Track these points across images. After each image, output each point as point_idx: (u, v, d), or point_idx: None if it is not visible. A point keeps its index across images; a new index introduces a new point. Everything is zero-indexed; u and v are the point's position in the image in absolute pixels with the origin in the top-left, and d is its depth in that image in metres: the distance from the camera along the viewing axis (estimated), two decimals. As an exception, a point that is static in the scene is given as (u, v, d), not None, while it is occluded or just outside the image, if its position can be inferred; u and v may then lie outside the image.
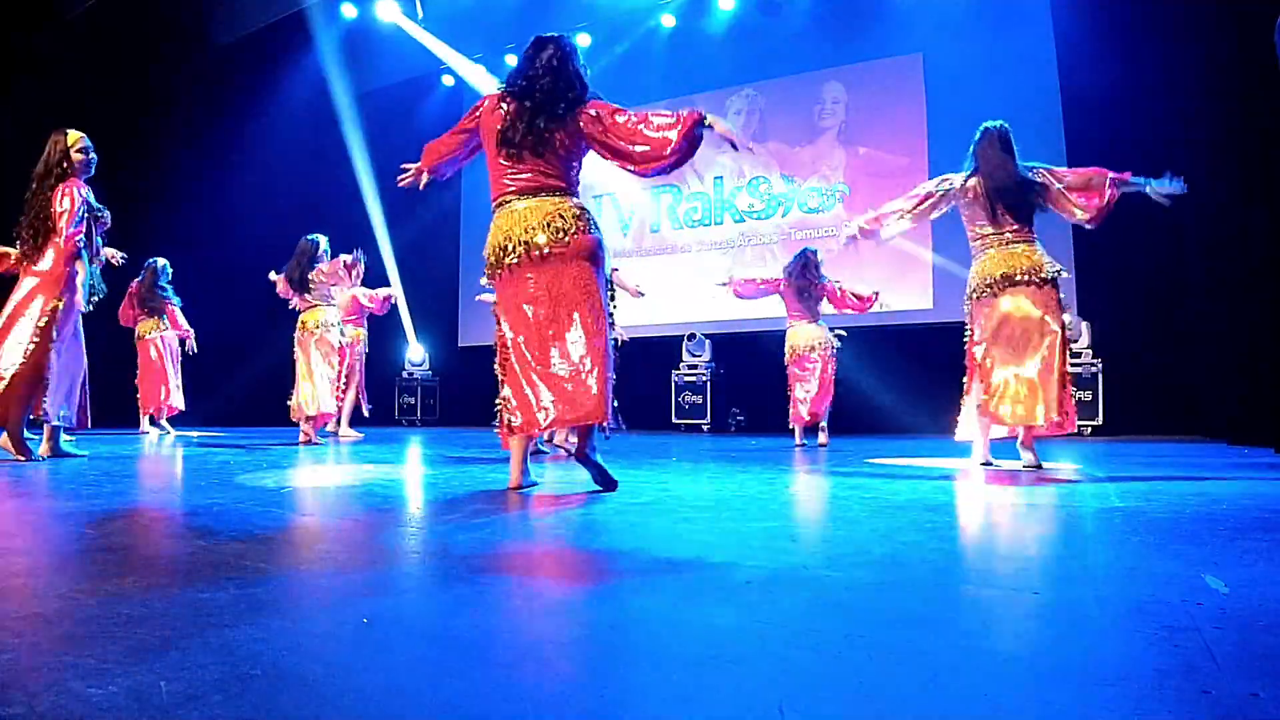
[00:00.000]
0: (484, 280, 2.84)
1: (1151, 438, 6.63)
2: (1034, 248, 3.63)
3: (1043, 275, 3.55)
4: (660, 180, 9.78)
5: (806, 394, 5.71)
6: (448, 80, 10.67)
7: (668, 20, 9.36)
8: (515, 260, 2.64)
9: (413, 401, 10.64)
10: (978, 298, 3.69)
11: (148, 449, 4.44)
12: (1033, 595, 1.27)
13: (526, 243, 2.61)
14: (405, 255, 10.55)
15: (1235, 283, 5.88)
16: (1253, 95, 5.07)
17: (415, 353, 10.82)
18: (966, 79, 8.07)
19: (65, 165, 3.90)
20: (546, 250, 2.61)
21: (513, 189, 2.69)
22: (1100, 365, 6.97)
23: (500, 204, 2.72)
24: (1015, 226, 3.64)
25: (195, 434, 7.36)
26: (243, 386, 8.90)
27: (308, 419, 5.75)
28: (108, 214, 4.09)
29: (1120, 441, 6.21)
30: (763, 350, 8.32)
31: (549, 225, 2.61)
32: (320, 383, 5.77)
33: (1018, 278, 3.55)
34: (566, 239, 2.61)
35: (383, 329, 8.83)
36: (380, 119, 10.30)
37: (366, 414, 7.08)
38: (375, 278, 7.63)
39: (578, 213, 2.66)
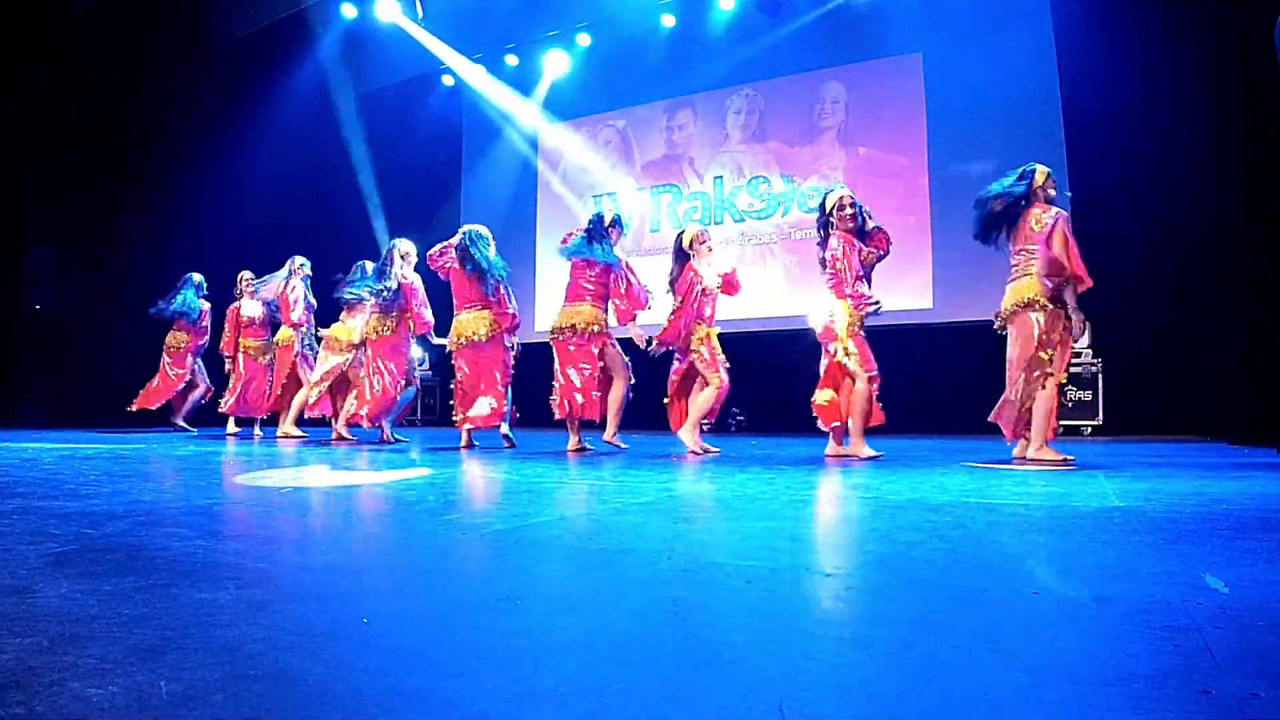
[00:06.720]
0: None
1: (1151, 438, 6.63)
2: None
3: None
4: (661, 180, 9.81)
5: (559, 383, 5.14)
6: (448, 80, 10.65)
7: (668, 20, 9.35)
8: None
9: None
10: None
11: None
12: (1032, 595, 1.27)
13: None
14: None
15: (1235, 283, 5.88)
16: (1253, 95, 5.08)
17: (415, 352, 10.83)
18: (966, 79, 8.07)
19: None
20: None
21: None
22: (1100, 365, 6.97)
23: None
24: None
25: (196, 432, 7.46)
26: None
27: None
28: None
29: (1120, 441, 6.20)
30: (763, 350, 8.33)
31: None
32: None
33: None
34: None
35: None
36: (380, 119, 10.29)
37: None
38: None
39: None
